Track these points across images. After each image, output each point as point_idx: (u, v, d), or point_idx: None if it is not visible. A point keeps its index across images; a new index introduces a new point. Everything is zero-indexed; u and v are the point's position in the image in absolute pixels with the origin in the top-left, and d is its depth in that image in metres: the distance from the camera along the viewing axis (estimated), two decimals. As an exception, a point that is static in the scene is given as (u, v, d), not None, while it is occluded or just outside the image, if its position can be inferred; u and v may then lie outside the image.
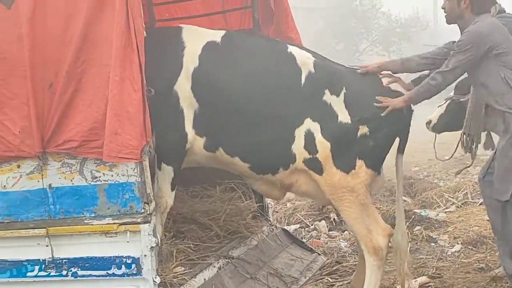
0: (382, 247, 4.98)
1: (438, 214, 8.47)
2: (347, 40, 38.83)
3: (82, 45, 4.39)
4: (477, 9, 4.94)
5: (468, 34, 4.83)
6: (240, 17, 6.21)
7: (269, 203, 6.66)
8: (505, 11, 5.31)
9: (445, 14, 5.09)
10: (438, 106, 5.97)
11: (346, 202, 4.91)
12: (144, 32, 4.37)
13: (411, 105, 5.02)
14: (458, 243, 7.11)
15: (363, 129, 4.86)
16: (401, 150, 5.18)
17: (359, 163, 4.89)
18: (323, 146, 4.85)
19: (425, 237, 7.38)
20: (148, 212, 4.45)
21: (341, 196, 4.91)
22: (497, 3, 5.20)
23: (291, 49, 5.05)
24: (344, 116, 4.87)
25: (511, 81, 4.83)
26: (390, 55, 41.74)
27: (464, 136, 5.59)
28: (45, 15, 4.49)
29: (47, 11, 4.49)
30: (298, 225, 8.14)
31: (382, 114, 4.83)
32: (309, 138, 4.86)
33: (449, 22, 5.12)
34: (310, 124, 4.86)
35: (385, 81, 5.02)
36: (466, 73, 5.08)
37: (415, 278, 5.72)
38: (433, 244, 7.20)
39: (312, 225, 8.12)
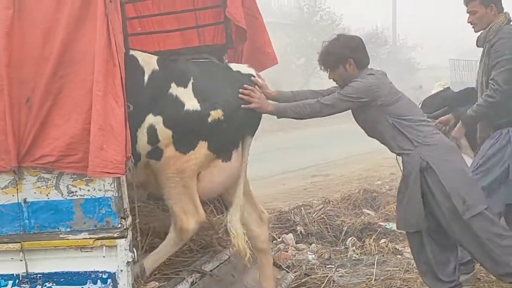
0: (190, 230, 5.14)
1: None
2: (308, 55, 39.20)
3: (60, 60, 4.40)
4: (360, 66, 5.33)
5: (355, 85, 5.21)
6: (214, 32, 6.26)
7: (240, 216, 6.63)
8: None
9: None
10: None
11: (172, 182, 5.02)
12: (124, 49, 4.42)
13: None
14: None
15: (216, 114, 5.00)
16: (251, 133, 5.39)
17: (201, 144, 5.02)
18: (165, 135, 4.93)
19: (391, 250, 7.55)
20: (124, 227, 4.47)
21: (170, 176, 5.00)
22: (506, 12, 5.48)
23: (133, 52, 5.14)
24: (192, 104, 4.98)
25: (399, 125, 5.16)
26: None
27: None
28: (23, 29, 4.48)
29: (24, 25, 4.48)
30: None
31: (243, 106, 5.13)
32: (151, 132, 4.93)
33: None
34: (151, 119, 4.93)
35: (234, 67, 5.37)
36: None
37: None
38: (399, 256, 7.36)
39: (279, 238, 8.21)
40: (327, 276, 6.63)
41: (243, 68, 5.43)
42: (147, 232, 5.64)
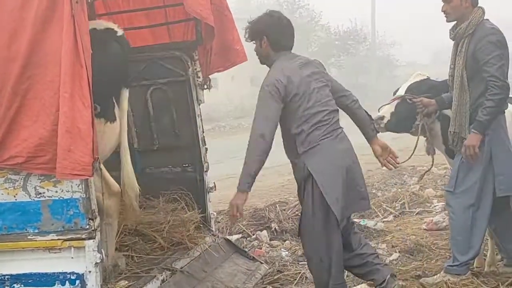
0: (112, 206, 5.16)
1: (376, 224, 8.65)
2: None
3: (27, 61, 4.38)
4: (275, 46, 5.16)
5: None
6: (184, 29, 6.29)
7: (211, 213, 6.70)
8: None
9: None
10: (383, 106, 6.06)
11: None
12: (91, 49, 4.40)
13: None
14: (396, 252, 7.29)
15: None
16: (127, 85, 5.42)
17: None
18: None
19: (365, 246, 7.56)
20: (93, 228, 4.47)
21: None
22: (481, 7, 5.53)
23: None
24: None
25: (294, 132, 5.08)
26: (329, 67, 42.56)
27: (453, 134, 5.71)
28: (-13, 31, 4.45)
29: (-11, 27, 4.46)
30: (240, 235, 8.22)
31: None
32: None
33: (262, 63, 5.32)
34: None
35: None
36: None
37: (354, 286, 5.84)
38: (371, 253, 7.37)
39: (253, 234, 8.22)
40: (300, 272, 6.65)
41: (99, 24, 5.29)
42: (118, 230, 5.62)
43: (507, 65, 5.38)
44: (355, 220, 8.54)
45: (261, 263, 6.68)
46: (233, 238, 7.90)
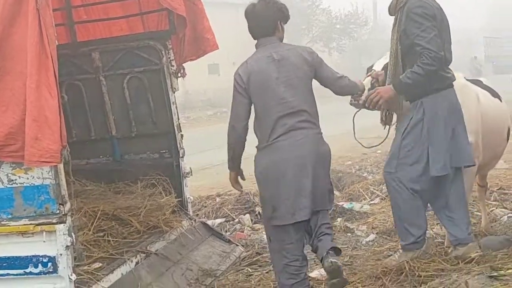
0: None
1: (362, 206, 8.79)
2: (288, 36, 39.15)
3: None
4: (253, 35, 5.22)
5: None
6: (157, 19, 6.45)
7: (188, 197, 6.89)
8: None
9: None
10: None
11: None
12: (56, 41, 4.57)
13: None
14: (373, 233, 7.44)
15: None
16: None
17: None
18: None
19: (343, 228, 7.70)
20: (63, 213, 4.63)
21: None
22: None
23: None
24: None
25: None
26: (331, 51, 42.59)
27: (385, 112, 5.76)
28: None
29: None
30: (224, 219, 8.39)
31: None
32: None
33: None
34: None
35: None
36: None
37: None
38: (349, 234, 7.51)
39: (237, 218, 8.39)
40: None
41: None
42: (95, 215, 5.83)
43: (441, 36, 5.35)
44: (340, 203, 8.78)
45: (237, 245, 6.87)
46: (216, 222, 8.12)
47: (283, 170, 4.96)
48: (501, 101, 6.37)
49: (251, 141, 5.20)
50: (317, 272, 5.88)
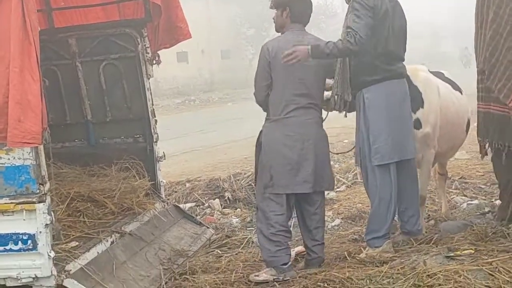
0: None
1: (328, 193, 8.97)
2: (258, 26, 39.44)
3: None
4: (294, 18, 5.58)
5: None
6: (134, 7, 6.64)
7: (161, 181, 7.11)
8: None
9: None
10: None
11: None
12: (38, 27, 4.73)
13: None
14: (339, 218, 7.71)
15: None
16: None
17: None
18: None
19: (308, 213, 7.97)
20: (43, 193, 4.81)
21: None
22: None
23: None
24: None
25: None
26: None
27: (336, 97, 5.82)
28: None
29: None
30: (194, 203, 8.63)
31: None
32: None
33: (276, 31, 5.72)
34: None
35: None
36: None
37: (293, 248, 6.16)
38: (314, 219, 7.79)
39: (207, 203, 8.63)
40: (247, 237, 7.03)
41: None
42: (69, 196, 6.02)
43: (382, 29, 5.46)
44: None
45: (208, 227, 7.12)
46: (187, 206, 8.34)
47: (290, 144, 5.45)
48: (461, 93, 6.62)
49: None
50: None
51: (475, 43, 5.74)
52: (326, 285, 4.83)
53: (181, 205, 8.16)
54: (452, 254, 5.08)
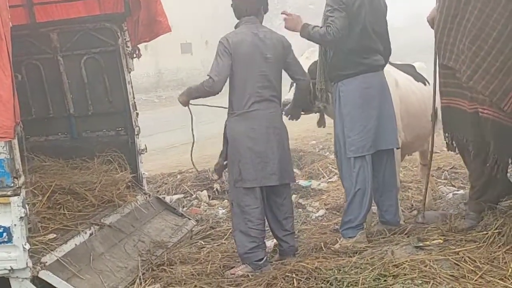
0: None
1: (320, 184, 9.08)
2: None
3: None
4: (236, 14, 5.67)
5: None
6: (113, 1, 6.73)
7: (143, 173, 7.19)
8: None
9: None
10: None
11: None
12: (10, 23, 4.80)
13: None
14: (323, 209, 7.78)
15: None
16: None
17: None
18: None
19: (295, 204, 7.98)
20: (17, 186, 4.87)
21: None
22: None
23: None
24: None
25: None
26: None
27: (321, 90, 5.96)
28: None
29: None
30: (182, 195, 8.71)
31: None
32: None
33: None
34: None
35: None
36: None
37: (272, 239, 6.22)
38: (300, 210, 7.82)
39: (194, 194, 8.70)
40: (230, 228, 7.05)
41: None
42: (50, 189, 6.10)
43: (356, 23, 5.54)
44: (300, 180, 9.10)
45: (189, 219, 7.19)
46: (174, 197, 8.44)
47: (256, 137, 5.49)
48: (425, 85, 6.71)
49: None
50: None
51: (439, 37, 5.58)
52: (294, 275, 4.88)
53: (169, 197, 8.28)
54: (421, 244, 5.14)
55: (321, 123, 6.59)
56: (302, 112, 6.15)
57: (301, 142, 13.20)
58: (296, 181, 9.03)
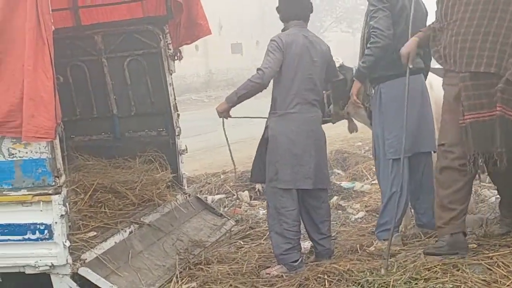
0: None
1: (363, 186, 9.07)
2: (312, 17, 39.28)
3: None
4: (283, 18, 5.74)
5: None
6: (156, 4, 6.86)
7: (183, 173, 7.31)
8: None
9: None
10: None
11: None
12: (53, 27, 4.96)
13: None
14: (363, 211, 7.77)
15: None
16: None
17: None
18: None
19: (335, 206, 8.03)
20: (58, 185, 5.02)
21: None
22: None
23: None
24: None
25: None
26: (354, 31, 42.62)
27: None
28: (-36, 10, 4.98)
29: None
30: (224, 195, 8.82)
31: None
32: None
33: None
34: None
35: None
36: None
37: (308, 241, 6.21)
38: (340, 211, 7.86)
39: (236, 194, 8.80)
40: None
41: None
42: (92, 188, 6.26)
43: (399, 23, 5.56)
44: (338, 182, 9.11)
45: (228, 219, 7.28)
46: (216, 197, 8.54)
47: (295, 139, 5.53)
48: None
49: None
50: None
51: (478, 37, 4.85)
52: (326, 276, 4.93)
53: (210, 197, 8.40)
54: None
55: (352, 128, 6.57)
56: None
57: (347, 144, 13.17)
58: (339, 183, 9.10)
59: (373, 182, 9.33)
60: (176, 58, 7.03)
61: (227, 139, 6.12)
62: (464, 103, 4.81)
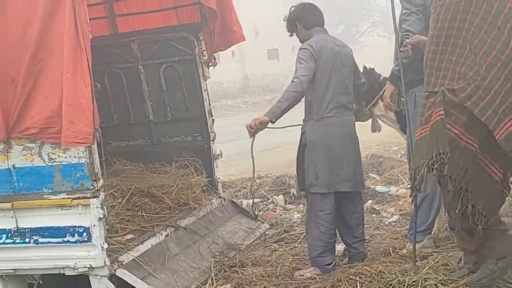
0: None
1: (398, 190, 9.12)
2: (348, 22, 39.35)
3: (38, 46, 5.07)
4: (307, 26, 5.81)
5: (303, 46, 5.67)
6: (190, 12, 6.98)
7: (218, 177, 7.42)
8: None
9: None
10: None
11: None
12: (90, 35, 5.11)
13: None
14: (397, 214, 7.83)
15: None
16: None
17: None
18: None
19: (369, 209, 8.09)
20: (96, 188, 5.16)
21: None
22: None
23: None
24: None
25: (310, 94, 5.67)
26: (391, 36, 42.48)
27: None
28: (6, 19, 5.17)
29: (7, 16, 5.18)
30: (260, 199, 8.94)
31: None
32: None
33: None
34: None
35: None
36: None
37: (342, 244, 6.28)
38: (374, 215, 7.93)
39: (271, 199, 8.91)
40: (304, 232, 7.09)
41: None
42: (129, 192, 6.41)
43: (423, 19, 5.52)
44: (373, 186, 9.15)
45: (263, 222, 7.38)
46: (250, 202, 8.62)
47: (333, 143, 5.63)
48: None
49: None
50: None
51: (436, 56, 4.51)
52: (357, 278, 5.00)
53: (245, 201, 8.50)
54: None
55: (375, 128, 6.57)
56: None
57: (383, 148, 13.20)
58: (373, 187, 9.13)
59: (408, 186, 9.34)
60: (210, 64, 7.15)
61: (252, 157, 6.23)
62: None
